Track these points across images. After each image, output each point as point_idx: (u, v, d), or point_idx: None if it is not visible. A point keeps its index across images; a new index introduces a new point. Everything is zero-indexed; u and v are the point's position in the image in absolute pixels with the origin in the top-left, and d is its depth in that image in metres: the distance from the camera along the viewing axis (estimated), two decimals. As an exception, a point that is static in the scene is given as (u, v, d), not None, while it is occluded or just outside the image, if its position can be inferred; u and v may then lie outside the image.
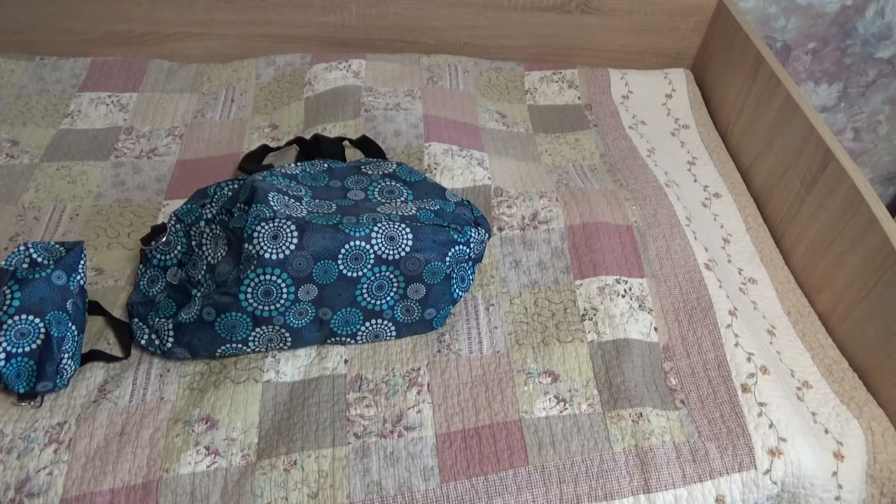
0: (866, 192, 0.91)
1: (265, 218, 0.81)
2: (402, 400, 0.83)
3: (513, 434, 0.80)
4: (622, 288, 0.94)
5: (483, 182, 1.06)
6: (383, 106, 1.18)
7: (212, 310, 0.81)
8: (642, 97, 1.34)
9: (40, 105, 1.20)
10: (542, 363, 0.87)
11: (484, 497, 0.75)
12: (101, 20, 1.33)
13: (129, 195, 1.06)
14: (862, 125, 1.70)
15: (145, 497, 0.74)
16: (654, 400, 0.83)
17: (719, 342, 0.89)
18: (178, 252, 0.91)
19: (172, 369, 0.85)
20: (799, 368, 0.91)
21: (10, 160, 1.09)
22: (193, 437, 0.78)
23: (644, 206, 1.06)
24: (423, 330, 0.89)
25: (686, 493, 0.77)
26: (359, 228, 0.82)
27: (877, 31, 1.50)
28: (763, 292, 1.01)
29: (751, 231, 1.09)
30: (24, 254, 0.85)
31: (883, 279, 0.87)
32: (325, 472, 0.76)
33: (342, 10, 1.34)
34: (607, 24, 1.38)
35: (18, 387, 0.78)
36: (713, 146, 1.24)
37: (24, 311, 0.79)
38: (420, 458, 0.78)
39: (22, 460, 0.75)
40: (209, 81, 1.30)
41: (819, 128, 1.02)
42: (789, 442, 0.79)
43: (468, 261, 0.89)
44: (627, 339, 0.88)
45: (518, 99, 1.32)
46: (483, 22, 1.37)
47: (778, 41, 1.51)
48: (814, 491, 0.79)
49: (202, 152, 1.15)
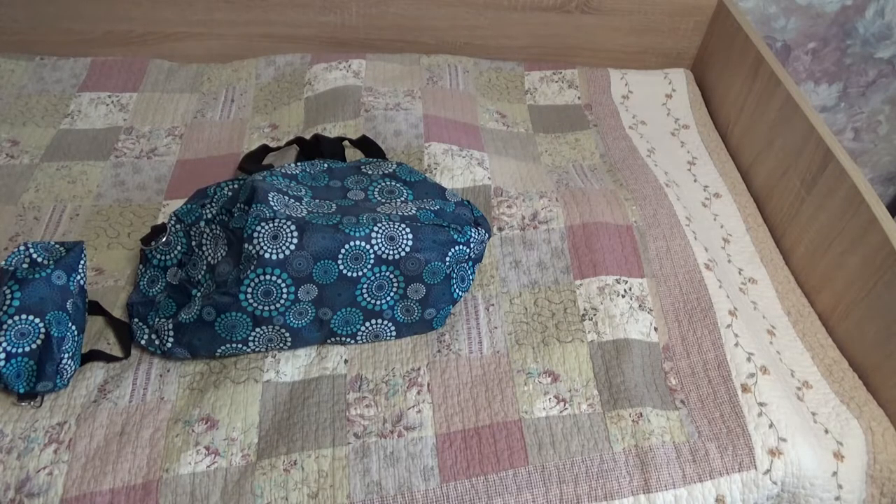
0: (866, 192, 0.91)
1: (265, 218, 0.81)
2: (402, 400, 0.83)
3: (513, 434, 0.80)
4: (622, 288, 0.94)
5: (483, 182, 1.06)
6: (383, 106, 1.18)
7: (212, 310, 0.81)
8: (642, 97, 1.34)
9: (40, 105, 1.20)
10: (542, 363, 0.86)
11: (484, 497, 0.75)
12: (101, 20, 1.33)
13: (129, 195, 1.06)
14: (862, 125, 1.70)
15: (145, 497, 0.74)
16: (654, 400, 0.83)
17: (719, 342, 0.89)
18: (178, 252, 0.91)
19: (172, 369, 0.85)
20: (799, 368, 0.91)
21: (10, 160, 1.09)
22: (193, 437, 0.78)
23: (644, 206, 1.06)
24: (423, 330, 0.89)
25: (686, 493, 0.77)
26: (359, 228, 0.82)
27: (877, 31, 1.50)
28: (763, 292, 1.01)
29: (751, 231, 1.09)
30: (24, 254, 0.85)
31: (883, 279, 0.87)
32: (325, 472, 0.76)
33: (342, 10, 1.34)
34: (607, 24, 1.38)
35: (18, 387, 0.78)
36: (713, 146, 1.24)
37: (24, 311, 0.79)
38: (420, 458, 0.78)
39: (22, 460, 0.75)
40: (209, 81, 1.30)
41: (819, 128, 1.02)
42: (789, 442, 0.79)
43: (468, 261, 0.89)
44: (627, 339, 0.88)
45: (518, 99, 1.32)
46: (483, 22, 1.37)
47: (778, 41, 1.51)
48: (814, 491, 0.79)
49: (202, 152, 1.15)
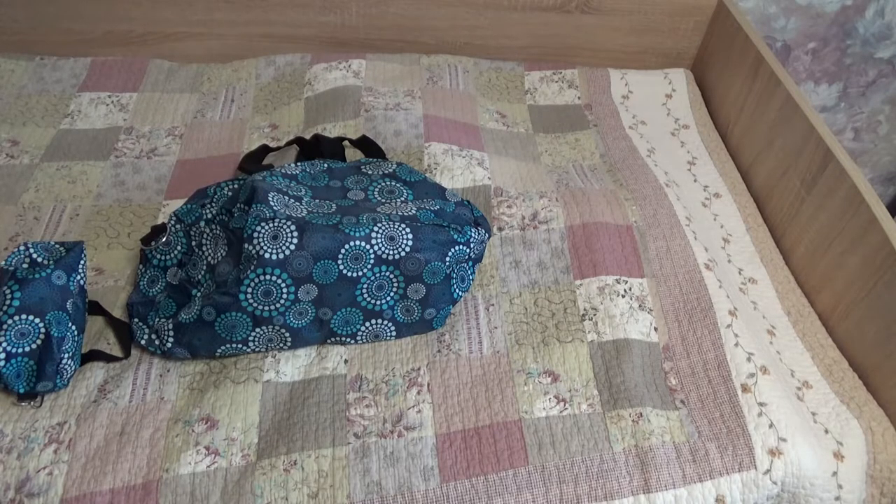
0: (866, 192, 0.91)
1: (265, 218, 0.81)
2: (402, 400, 0.83)
3: (513, 434, 0.80)
4: (622, 288, 0.94)
5: (483, 182, 1.06)
6: (383, 106, 1.18)
7: (212, 310, 0.81)
8: (642, 97, 1.34)
9: (40, 105, 1.20)
10: (542, 363, 0.86)
11: (484, 497, 0.75)
12: (101, 20, 1.33)
13: (129, 195, 1.06)
14: (862, 125, 1.70)
15: (145, 497, 0.74)
16: (654, 400, 0.83)
17: (719, 342, 0.89)
18: (178, 252, 0.91)
19: (172, 369, 0.85)
20: (799, 368, 0.91)
21: (10, 160, 1.09)
22: (193, 437, 0.78)
23: (644, 206, 1.06)
24: (423, 330, 0.89)
25: (686, 493, 0.77)
26: (359, 228, 0.82)
27: (877, 31, 1.50)
28: (763, 292, 1.01)
29: (751, 231, 1.09)
30: (24, 254, 0.85)
31: (883, 279, 0.87)
32: (325, 472, 0.76)
33: (342, 10, 1.34)
34: (607, 24, 1.38)
35: (18, 387, 0.78)
36: (713, 146, 1.24)
37: (24, 311, 0.79)
38: (420, 458, 0.78)
39: (22, 460, 0.75)
40: (209, 81, 1.30)
41: (819, 128, 1.02)
42: (789, 442, 0.79)
43: (468, 261, 0.89)
44: (627, 339, 0.88)
45: (518, 99, 1.32)
46: (483, 22, 1.37)
47: (778, 41, 1.51)
48: (814, 491, 0.79)
49: (202, 152, 1.15)
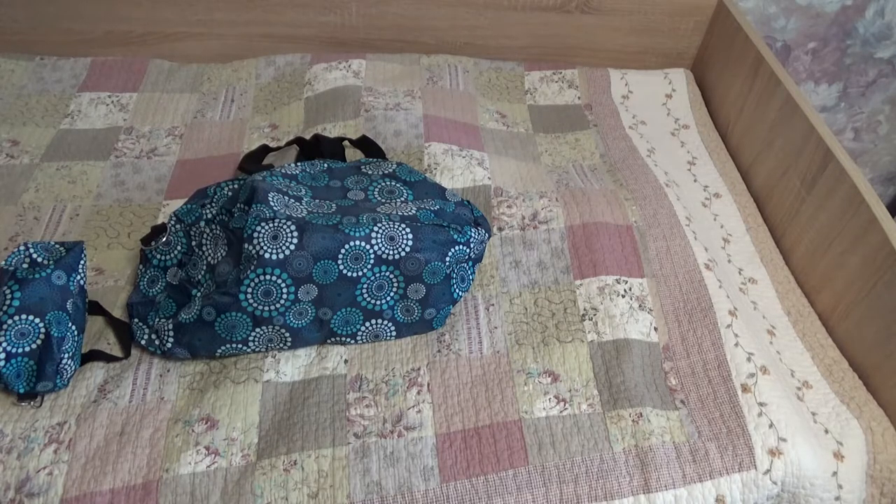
0: (866, 192, 0.91)
1: (265, 218, 0.81)
2: (402, 400, 0.83)
3: (513, 434, 0.80)
4: (622, 288, 0.94)
5: (483, 182, 1.06)
6: (383, 106, 1.18)
7: (212, 310, 0.81)
8: (642, 97, 1.34)
9: (40, 105, 1.20)
10: (542, 363, 0.86)
11: (484, 497, 0.75)
12: (101, 20, 1.33)
13: (129, 195, 1.06)
14: (862, 125, 1.70)
15: (145, 497, 0.74)
16: (654, 400, 0.83)
17: (719, 342, 0.89)
18: (178, 252, 0.91)
19: (172, 369, 0.85)
20: (799, 368, 0.91)
21: (10, 160, 1.09)
22: (193, 437, 0.78)
23: (644, 206, 1.06)
24: (423, 330, 0.89)
25: (686, 493, 0.77)
26: (359, 228, 0.82)
27: (877, 31, 1.50)
28: (763, 292, 1.01)
29: (751, 231, 1.09)
30: (24, 254, 0.85)
31: (883, 279, 0.87)
32: (325, 472, 0.76)
33: (342, 10, 1.34)
34: (607, 24, 1.38)
35: (18, 387, 0.78)
36: (713, 146, 1.24)
37: (24, 311, 0.79)
38: (420, 458, 0.78)
39: (22, 460, 0.75)
40: (209, 81, 1.30)
41: (819, 128, 1.02)
42: (789, 442, 0.79)
43: (468, 261, 0.89)
44: (627, 339, 0.88)
45: (518, 99, 1.32)
46: (483, 22, 1.37)
47: (778, 41, 1.51)
48: (814, 491, 0.79)
49: (202, 152, 1.15)
